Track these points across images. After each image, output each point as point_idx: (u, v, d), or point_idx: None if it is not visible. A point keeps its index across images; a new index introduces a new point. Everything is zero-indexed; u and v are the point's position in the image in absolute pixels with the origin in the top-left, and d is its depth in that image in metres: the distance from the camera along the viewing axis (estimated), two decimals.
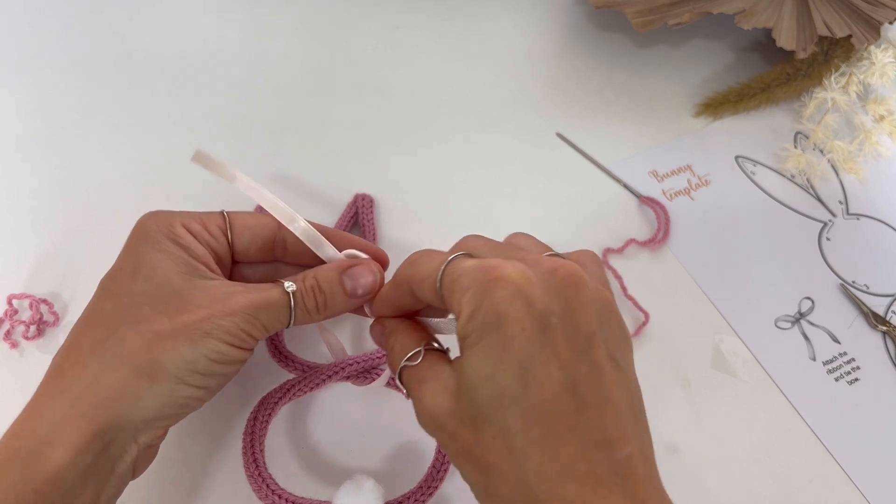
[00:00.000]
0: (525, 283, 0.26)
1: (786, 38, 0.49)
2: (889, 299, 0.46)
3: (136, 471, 0.31)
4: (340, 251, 0.35)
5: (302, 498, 0.34)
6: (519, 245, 0.31)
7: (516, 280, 0.26)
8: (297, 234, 0.34)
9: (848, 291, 0.46)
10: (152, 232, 0.32)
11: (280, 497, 0.34)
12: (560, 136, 0.52)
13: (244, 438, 0.35)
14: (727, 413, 0.41)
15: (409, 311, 0.33)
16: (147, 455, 0.32)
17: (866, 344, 0.44)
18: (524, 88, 0.54)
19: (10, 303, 0.41)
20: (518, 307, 0.26)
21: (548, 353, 0.26)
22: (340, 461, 0.38)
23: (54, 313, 0.41)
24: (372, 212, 0.46)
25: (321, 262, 0.35)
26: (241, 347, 0.31)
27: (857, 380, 0.42)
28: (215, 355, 0.31)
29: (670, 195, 0.49)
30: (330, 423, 0.39)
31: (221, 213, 0.35)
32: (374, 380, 0.38)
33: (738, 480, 0.39)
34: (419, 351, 0.30)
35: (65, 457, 0.28)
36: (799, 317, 0.45)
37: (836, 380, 0.42)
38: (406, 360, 0.30)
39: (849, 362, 0.43)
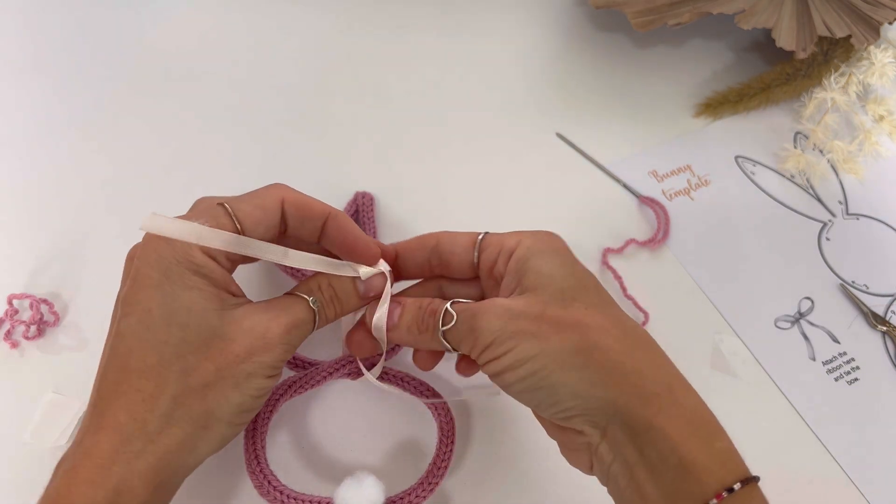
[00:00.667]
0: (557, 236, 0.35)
1: (785, 39, 0.49)
2: (889, 299, 0.46)
3: None
4: (345, 245, 0.34)
5: (303, 494, 0.34)
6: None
7: (552, 234, 0.35)
8: (301, 267, 0.34)
9: (847, 291, 0.46)
10: (173, 266, 0.31)
11: (282, 493, 0.34)
12: (560, 136, 0.52)
13: (246, 435, 0.35)
14: (727, 413, 0.41)
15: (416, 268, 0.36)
16: None
17: (866, 344, 0.44)
18: (524, 88, 0.54)
19: (10, 303, 0.41)
20: (562, 244, 0.34)
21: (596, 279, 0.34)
22: (341, 458, 0.38)
23: (55, 313, 0.41)
24: (372, 209, 0.46)
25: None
26: (276, 376, 0.33)
27: (856, 379, 0.42)
28: (259, 392, 0.32)
29: (670, 195, 0.49)
30: (331, 420, 0.39)
31: (223, 206, 0.32)
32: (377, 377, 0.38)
33: None
34: (466, 302, 0.33)
35: None
36: (798, 317, 0.45)
37: (836, 379, 0.42)
38: (451, 304, 0.32)
39: (848, 362, 0.43)
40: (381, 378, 0.38)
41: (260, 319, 0.32)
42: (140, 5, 0.57)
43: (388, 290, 0.34)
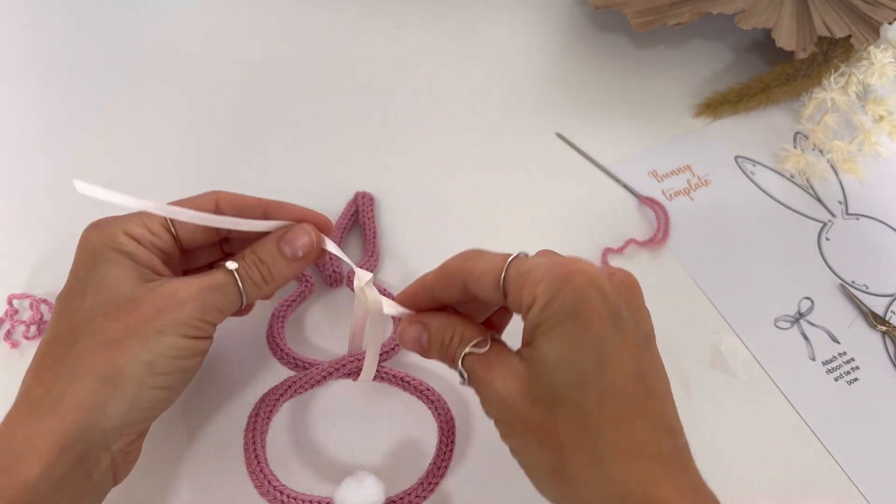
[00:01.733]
0: (600, 278, 0.29)
1: (785, 39, 0.49)
2: (888, 299, 0.46)
3: (116, 477, 0.32)
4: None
5: (303, 494, 0.34)
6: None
7: (592, 274, 0.29)
8: (223, 226, 0.34)
9: (847, 291, 0.46)
10: (97, 246, 0.32)
11: (282, 493, 0.34)
12: (560, 136, 0.52)
13: (246, 435, 0.35)
14: (726, 413, 0.41)
15: (443, 305, 0.34)
16: (126, 460, 0.32)
17: (866, 344, 0.44)
18: (524, 88, 0.54)
19: (10, 303, 0.41)
20: (596, 297, 0.28)
21: (620, 341, 0.28)
22: (342, 458, 0.38)
23: None
24: (372, 209, 0.46)
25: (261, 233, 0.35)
26: (198, 337, 0.32)
27: (856, 379, 0.43)
28: (173, 351, 0.31)
29: (670, 195, 0.49)
30: (331, 420, 0.39)
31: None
32: (374, 377, 0.38)
33: (738, 480, 0.39)
34: (485, 338, 0.31)
35: (37, 470, 0.28)
36: (798, 317, 0.45)
37: (836, 379, 0.42)
38: (472, 346, 0.30)
39: (848, 362, 0.43)
40: (380, 378, 0.38)
41: (174, 285, 0.32)
42: (141, 5, 0.57)
43: (384, 308, 0.34)
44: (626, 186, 0.49)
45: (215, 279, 0.33)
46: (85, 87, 0.52)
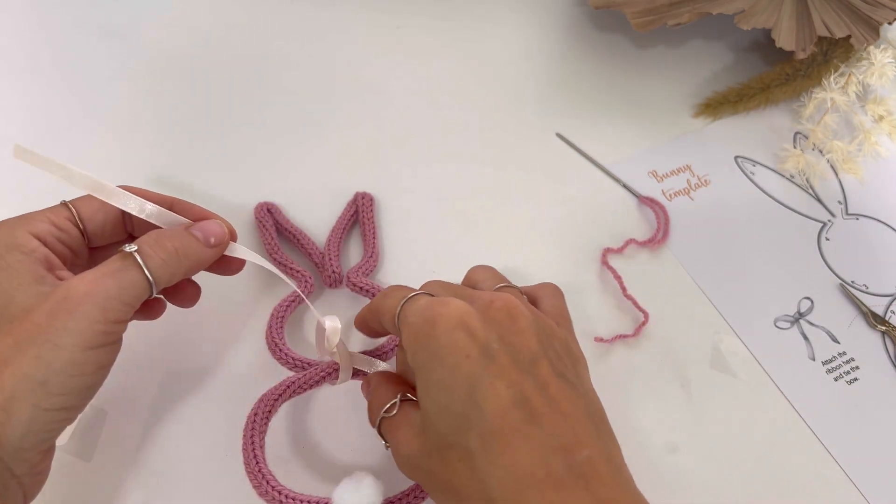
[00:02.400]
0: (465, 316, 0.29)
1: (785, 39, 0.49)
2: (888, 299, 0.46)
3: (26, 497, 0.29)
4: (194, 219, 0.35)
5: (302, 494, 0.34)
6: (474, 280, 0.35)
7: (455, 314, 0.29)
8: (149, 219, 0.33)
9: (847, 291, 0.46)
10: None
11: (280, 493, 0.34)
12: (560, 136, 0.52)
13: (244, 436, 0.35)
14: (726, 413, 0.41)
15: (382, 334, 0.35)
16: (35, 481, 0.29)
17: (865, 344, 0.44)
18: (524, 89, 0.54)
19: None
20: (460, 337, 0.28)
21: (493, 373, 0.27)
22: (340, 458, 0.38)
23: None
24: (372, 210, 0.46)
25: None
26: (102, 345, 0.28)
27: (856, 379, 0.42)
28: (71, 368, 0.27)
29: (670, 195, 0.49)
30: (330, 420, 0.39)
31: (64, 203, 0.33)
32: (364, 375, 0.38)
33: (738, 480, 0.39)
34: (395, 402, 0.31)
35: None
36: (798, 317, 0.45)
37: (836, 379, 0.42)
38: (385, 411, 0.31)
39: (848, 362, 0.43)
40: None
41: (66, 283, 0.28)
42: (142, 5, 0.57)
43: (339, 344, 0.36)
44: (625, 186, 0.49)
45: (111, 266, 0.29)
46: (85, 87, 0.52)
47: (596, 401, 0.31)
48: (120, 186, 0.34)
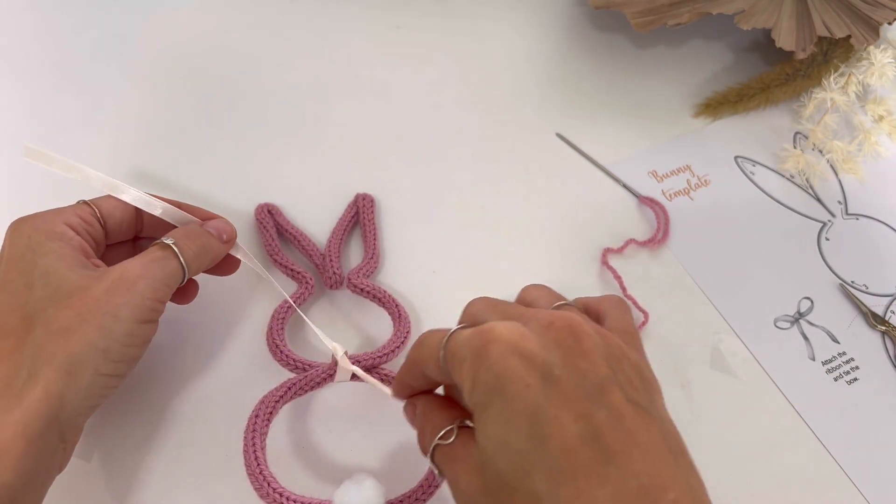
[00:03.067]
0: (519, 340, 0.25)
1: (785, 39, 0.49)
2: (888, 299, 0.46)
3: (61, 467, 0.32)
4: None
5: (303, 496, 0.34)
6: (527, 300, 0.31)
7: (508, 338, 0.25)
8: (164, 216, 0.37)
9: (847, 291, 0.46)
10: (33, 238, 0.33)
11: (281, 495, 0.34)
12: (560, 136, 0.52)
13: (245, 437, 0.35)
14: (726, 413, 0.41)
15: (430, 388, 0.32)
16: (69, 450, 0.33)
17: (865, 344, 0.44)
18: (524, 89, 0.54)
19: None
20: (515, 364, 0.25)
21: (557, 404, 0.24)
22: (341, 460, 0.38)
23: None
24: (372, 211, 0.46)
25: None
26: (150, 320, 0.33)
27: (856, 379, 0.43)
28: (127, 338, 0.32)
29: (670, 195, 0.49)
30: (331, 422, 0.39)
31: (85, 202, 0.36)
32: (373, 377, 0.38)
33: (738, 480, 0.39)
34: (451, 429, 0.28)
35: (10, 467, 0.28)
36: (798, 317, 0.45)
37: (836, 379, 0.42)
38: (440, 437, 0.28)
39: (848, 362, 0.43)
40: (381, 380, 0.38)
41: (118, 266, 0.33)
42: (142, 5, 0.57)
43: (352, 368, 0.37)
44: (625, 186, 0.49)
45: (156, 253, 0.34)
46: (85, 87, 0.52)
47: (673, 429, 0.27)
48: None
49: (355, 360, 0.38)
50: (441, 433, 0.28)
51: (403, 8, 0.58)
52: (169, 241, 0.34)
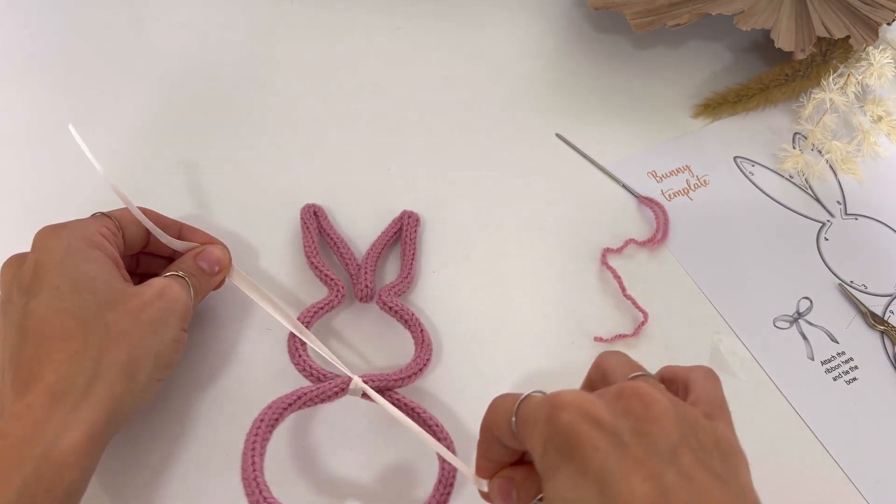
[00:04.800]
0: (588, 405, 0.25)
1: (784, 39, 0.49)
2: (887, 299, 0.46)
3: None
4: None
5: None
6: (603, 368, 0.30)
7: (578, 402, 0.26)
8: (170, 244, 0.39)
9: (846, 291, 0.46)
10: (72, 245, 0.34)
11: None
12: (560, 136, 0.52)
13: (246, 441, 0.35)
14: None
15: (511, 461, 0.31)
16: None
17: (864, 343, 0.44)
18: (524, 89, 0.54)
19: None
20: (586, 428, 0.25)
21: (627, 465, 0.24)
22: (339, 477, 0.37)
23: None
24: (416, 231, 0.45)
25: (171, 250, 0.39)
26: (185, 330, 0.35)
27: (855, 379, 0.43)
28: (174, 344, 0.34)
29: (669, 195, 0.49)
30: (335, 437, 0.38)
31: (104, 214, 0.37)
32: (385, 399, 0.37)
33: None
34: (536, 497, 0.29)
35: (76, 467, 0.30)
36: (797, 316, 0.45)
37: (835, 379, 0.43)
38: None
39: (847, 362, 0.43)
40: (390, 404, 0.37)
41: (158, 281, 0.35)
42: (142, 5, 0.57)
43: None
44: (625, 187, 0.49)
45: (181, 280, 0.36)
46: (85, 88, 0.52)
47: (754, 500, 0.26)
48: (139, 208, 0.38)
49: (370, 380, 0.37)
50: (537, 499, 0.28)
51: (402, 9, 0.58)
52: (184, 274, 0.37)
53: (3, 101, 0.51)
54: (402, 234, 0.45)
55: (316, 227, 0.44)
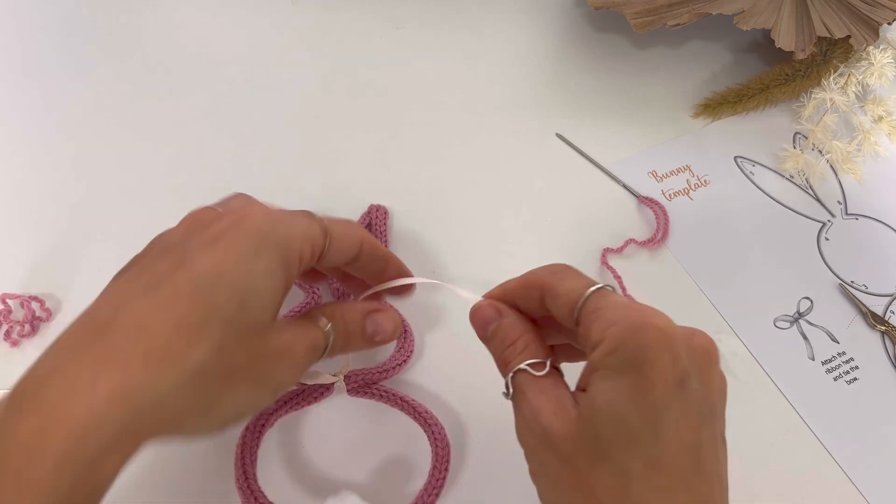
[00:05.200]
0: (675, 336, 0.26)
1: (784, 39, 0.49)
2: (887, 299, 0.46)
3: None
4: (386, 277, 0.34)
5: None
6: (557, 292, 0.30)
7: (668, 330, 0.26)
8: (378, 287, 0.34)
9: (846, 291, 0.46)
10: (271, 251, 0.28)
11: None
12: (560, 136, 0.52)
13: (237, 450, 0.35)
14: (726, 413, 0.41)
15: (520, 312, 0.31)
16: None
17: (865, 344, 0.44)
18: (524, 89, 0.54)
19: (4, 302, 0.41)
20: (665, 357, 0.26)
21: (682, 410, 0.26)
22: (332, 475, 0.37)
23: (46, 310, 0.41)
24: (385, 224, 0.45)
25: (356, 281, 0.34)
26: (277, 395, 0.31)
27: (855, 379, 0.42)
28: (260, 406, 0.30)
29: (669, 195, 0.49)
30: (325, 436, 0.38)
31: (322, 225, 0.31)
32: (372, 395, 0.38)
33: (738, 480, 0.39)
34: (545, 363, 0.29)
35: (113, 471, 0.25)
36: (798, 316, 0.45)
37: (835, 379, 0.42)
38: (530, 363, 0.28)
39: (847, 362, 0.43)
40: (378, 396, 0.38)
41: (292, 332, 0.30)
42: (144, 7, 0.57)
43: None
44: (625, 186, 0.49)
45: (316, 339, 0.30)
46: (80, 88, 0.52)
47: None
48: (353, 226, 0.33)
49: (355, 376, 0.38)
50: (533, 361, 0.28)
51: (402, 9, 0.58)
52: (330, 333, 0.31)
53: (3, 101, 0.50)
54: (372, 228, 0.45)
55: None
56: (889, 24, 0.50)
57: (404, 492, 0.37)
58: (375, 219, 0.45)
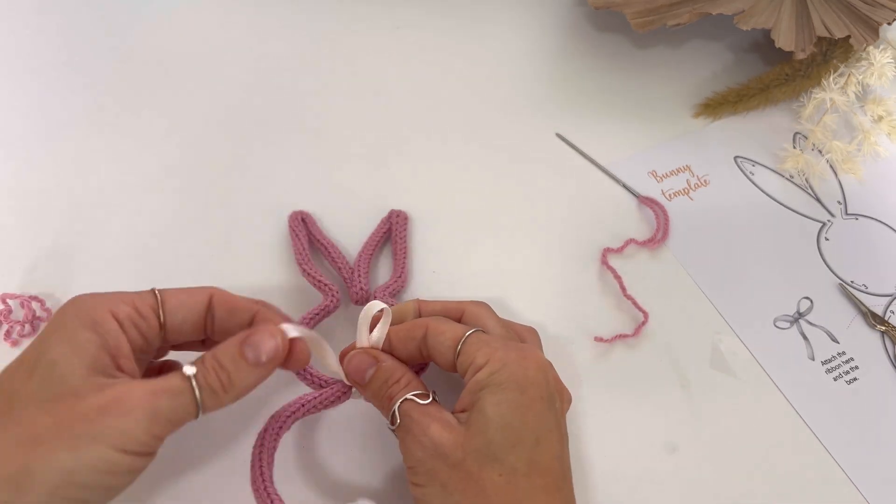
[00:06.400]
0: (546, 368, 0.34)
1: (785, 39, 0.49)
2: (887, 299, 0.46)
3: None
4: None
5: None
6: (477, 315, 0.37)
7: (543, 361, 0.34)
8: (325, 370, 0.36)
9: (846, 291, 0.46)
10: (68, 321, 0.30)
11: None
12: (560, 136, 0.52)
13: (253, 453, 0.34)
14: (726, 413, 0.41)
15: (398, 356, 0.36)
16: None
17: (865, 343, 0.44)
18: (524, 89, 0.54)
19: (4, 302, 0.41)
20: (541, 382, 0.33)
21: (553, 424, 0.33)
22: (349, 479, 0.37)
23: (46, 310, 0.41)
24: (405, 230, 0.45)
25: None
26: (139, 453, 0.28)
27: (855, 379, 0.42)
28: (102, 465, 0.27)
29: (669, 195, 0.49)
30: (343, 440, 0.38)
31: (153, 291, 0.32)
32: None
33: (738, 480, 0.39)
34: (429, 393, 0.34)
35: None
36: (798, 316, 0.45)
37: (835, 379, 0.42)
38: (415, 394, 0.33)
39: (847, 362, 0.43)
40: None
41: (124, 385, 0.28)
42: (142, 6, 0.57)
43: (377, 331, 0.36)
44: (625, 186, 0.49)
45: (171, 383, 0.29)
46: (83, 89, 0.52)
47: None
48: (201, 289, 0.34)
49: None
50: (420, 392, 0.33)
51: (402, 9, 0.58)
52: (190, 373, 0.30)
53: (2, 101, 0.50)
54: (392, 233, 0.45)
55: (305, 233, 0.44)
56: (889, 24, 0.50)
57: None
58: (395, 224, 0.45)
